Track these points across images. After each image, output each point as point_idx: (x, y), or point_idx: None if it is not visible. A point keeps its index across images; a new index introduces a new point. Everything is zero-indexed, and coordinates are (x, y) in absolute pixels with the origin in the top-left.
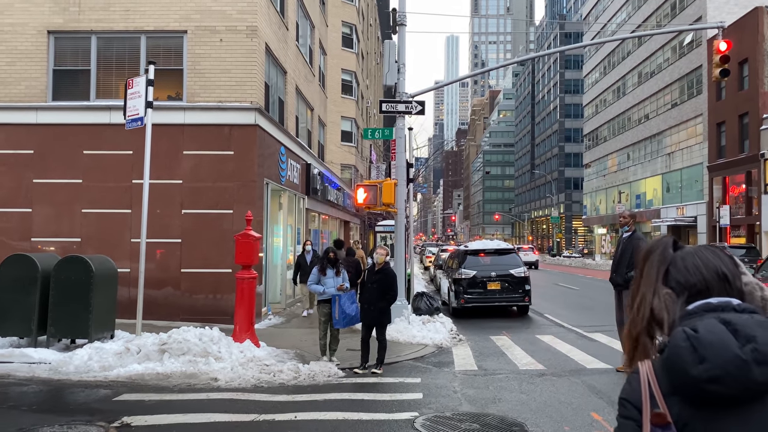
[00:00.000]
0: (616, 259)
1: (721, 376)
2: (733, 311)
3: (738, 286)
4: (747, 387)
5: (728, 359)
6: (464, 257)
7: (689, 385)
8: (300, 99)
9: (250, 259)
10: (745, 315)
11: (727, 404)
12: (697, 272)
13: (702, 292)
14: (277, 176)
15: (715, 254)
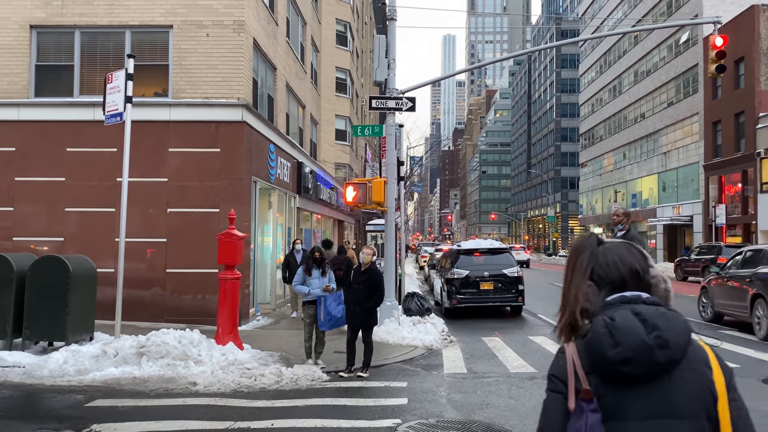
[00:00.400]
0: None
1: (631, 357)
2: (642, 303)
3: (647, 280)
4: (651, 367)
5: (637, 344)
6: (457, 257)
7: (606, 364)
8: (291, 96)
9: (233, 259)
10: (652, 307)
11: (635, 381)
12: (616, 269)
13: (619, 286)
14: (266, 174)
15: (630, 251)
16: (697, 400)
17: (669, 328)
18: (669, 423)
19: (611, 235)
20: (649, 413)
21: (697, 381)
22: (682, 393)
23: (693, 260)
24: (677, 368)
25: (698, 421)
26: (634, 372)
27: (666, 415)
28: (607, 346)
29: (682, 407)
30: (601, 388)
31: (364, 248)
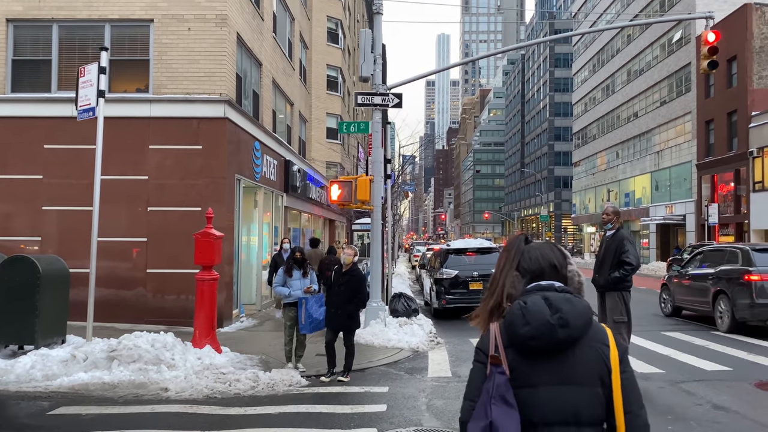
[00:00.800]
0: (599, 259)
1: (537, 334)
2: (554, 291)
3: (563, 273)
4: (554, 342)
5: (542, 323)
6: (446, 256)
7: (519, 340)
8: (278, 93)
9: (210, 260)
10: (561, 294)
11: (541, 354)
12: (536, 262)
13: (538, 276)
14: (250, 172)
15: (551, 249)
16: (593, 371)
17: (571, 312)
18: (569, 389)
19: (602, 234)
20: (554, 380)
21: (594, 356)
22: (582, 365)
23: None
24: (579, 345)
25: (593, 388)
26: (540, 346)
27: (567, 382)
28: (519, 324)
29: (581, 376)
30: (517, 360)
31: (345, 248)
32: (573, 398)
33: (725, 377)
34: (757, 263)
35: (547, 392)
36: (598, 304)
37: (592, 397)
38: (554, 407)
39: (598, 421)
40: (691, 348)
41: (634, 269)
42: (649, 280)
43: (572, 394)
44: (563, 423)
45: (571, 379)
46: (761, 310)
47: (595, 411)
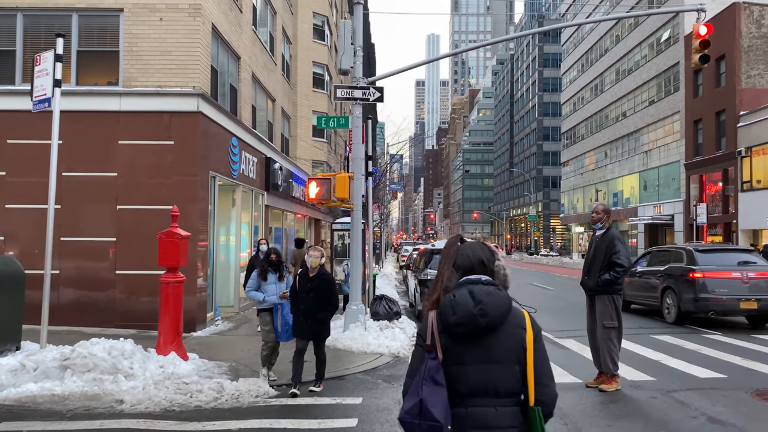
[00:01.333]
0: (588, 260)
1: (463, 323)
2: (480, 284)
3: (491, 267)
4: (476, 329)
5: (466, 313)
6: (431, 256)
7: (449, 327)
8: (258, 88)
9: (175, 261)
10: (485, 287)
11: (467, 338)
12: (467, 259)
13: (470, 271)
14: (227, 170)
15: (481, 247)
16: (511, 351)
17: (491, 303)
18: (491, 366)
19: (591, 234)
20: (479, 360)
21: (512, 339)
22: (501, 347)
23: None
24: (499, 330)
25: (511, 366)
26: (465, 332)
27: (489, 361)
28: (449, 314)
29: (500, 356)
30: (449, 343)
31: (310, 250)
32: (493, 374)
33: (720, 385)
34: (700, 262)
35: (473, 369)
36: (587, 308)
37: (510, 373)
38: (478, 382)
39: (514, 393)
40: (681, 352)
41: (626, 271)
42: None
43: (493, 371)
44: (485, 394)
45: (492, 359)
46: (703, 304)
47: (512, 384)
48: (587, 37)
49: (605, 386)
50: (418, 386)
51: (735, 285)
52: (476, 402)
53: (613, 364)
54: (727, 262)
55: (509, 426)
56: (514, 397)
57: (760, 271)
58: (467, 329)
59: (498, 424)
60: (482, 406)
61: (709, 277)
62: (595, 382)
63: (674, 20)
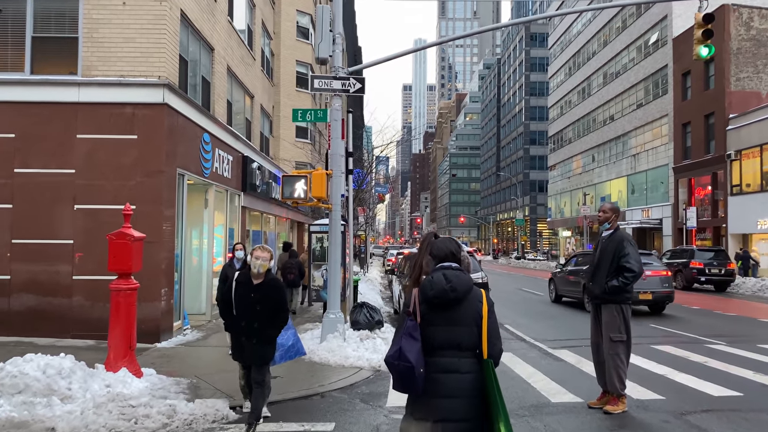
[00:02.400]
0: (594, 264)
1: (438, 295)
2: (451, 269)
3: (458, 257)
4: (447, 301)
5: (440, 289)
6: None
7: (428, 299)
8: (234, 83)
9: (127, 265)
10: (455, 271)
11: (440, 307)
12: (441, 250)
13: (443, 259)
14: (198, 168)
15: (451, 241)
16: (471, 317)
17: (458, 282)
18: (456, 328)
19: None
20: (448, 323)
21: (472, 308)
22: (464, 313)
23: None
24: (463, 302)
25: (471, 328)
26: (439, 303)
27: (455, 324)
28: (428, 289)
29: (463, 320)
30: (426, 310)
31: (256, 250)
32: (458, 333)
33: (738, 405)
34: None
35: (443, 330)
36: (592, 318)
37: (470, 333)
38: (447, 339)
39: (473, 348)
40: (687, 366)
41: (636, 276)
42: None
43: (458, 331)
44: (450, 347)
45: (458, 322)
46: None
47: (472, 341)
48: (575, 40)
49: (611, 407)
50: (400, 338)
51: None
52: (444, 353)
53: (620, 382)
54: None
55: (468, 371)
56: (472, 351)
57: (655, 270)
58: (441, 301)
59: (459, 369)
60: (449, 357)
61: None
62: (599, 402)
63: (662, 23)
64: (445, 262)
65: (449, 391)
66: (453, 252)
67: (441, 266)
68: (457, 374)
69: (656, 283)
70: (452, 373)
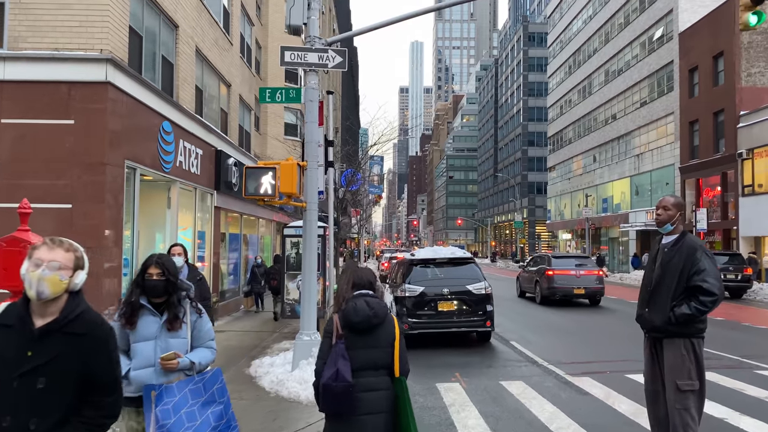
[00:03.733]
0: (651, 283)
1: (362, 321)
2: (370, 297)
3: (374, 286)
4: (369, 326)
5: (365, 315)
6: (409, 269)
7: (351, 324)
8: (206, 67)
9: (21, 281)
10: (373, 299)
11: (362, 332)
12: (361, 279)
13: (362, 287)
14: (155, 161)
15: (369, 272)
16: (387, 340)
17: (378, 309)
18: (374, 350)
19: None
20: (367, 345)
21: (388, 332)
22: (381, 336)
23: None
24: (380, 326)
25: (386, 349)
26: (362, 328)
27: (373, 347)
28: (352, 315)
29: (380, 342)
30: (349, 335)
31: (37, 248)
32: (375, 355)
33: None
34: (553, 265)
35: (363, 352)
36: (647, 357)
37: (385, 354)
38: (366, 360)
39: (387, 367)
40: (749, 404)
41: (717, 301)
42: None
43: (375, 353)
44: (370, 368)
45: (375, 345)
46: (553, 290)
47: (386, 361)
48: (575, 38)
49: None
50: (335, 361)
51: (571, 279)
52: (364, 374)
53: None
54: (569, 264)
55: (384, 388)
56: (386, 369)
57: (587, 270)
58: (364, 326)
59: (378, 387)
60: (368, 376)
61: (557, 273)
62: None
63: (667, 17)
64: (363, 289)
65: (369, 409)
66: (371, 281)
67: (360, 293)
68: (375, 392)
69: (591, 281)
70: (372, 391)
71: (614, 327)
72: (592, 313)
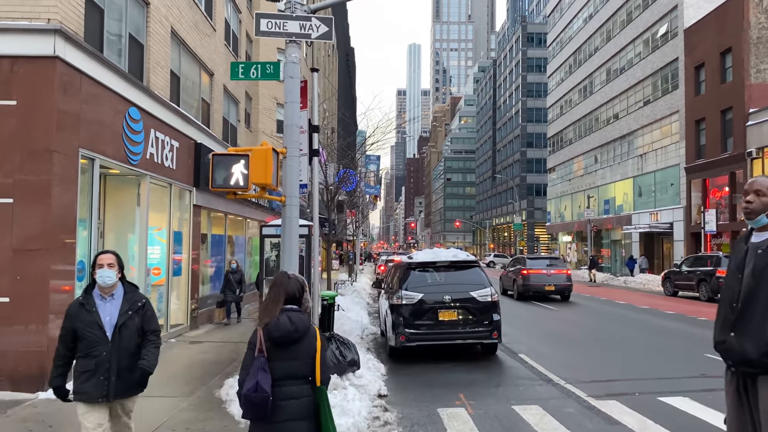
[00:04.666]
0: (742, 297)
1: (283, 336)
2: (294, 312)
3: (299, 298)
4: (290, 340)
5: (287, 330)
6: (407, 273)
7: (273, 338)
8: (184, 52)
9: None
10: (296, 313)
11: (283, 345)
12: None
13: (290, 301)
14: (119, 151)
15: (296, 284)
16: (307, 352)
17: (299, 324)
18: (294, 362)
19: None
20: (287, 358)
21: (309, 344)
22: (302, 349)
23: (685, 273)
24: (302, 339)
25: (306, 360)
26: (283, 342)
27: (293, 359)
28: (274, 330)
29: (301, 354)
30: (271, 348)
31: None
32: (296, 366)
33: None
34: (528, 264)
35: (284, 364)
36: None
37: (305, 365)
38: (287, 371)
39: (307, 377)
40: None
41: None
42: (638, 295)
43: (296, 364)
44: (290, 378)
45: (296, 357)
46: (527, 287)
47: (306, 371)
48: (575, 36)
49: None
50: (255, 373)
51: (543, 277)
52: (284, 383)
53: None
54: (542, 264)
55: (305, 396)
56: (306, 379)
57: (557, 269)
58: (285, 340)
59: (297, 395)
60: (288, 386)
61: (531, 273)
62: None
63: (672, 13)
64: (291, 303)
65: (290, 415)
66: (295, 294)
67: (285, 308)
68: (296, 400)
69: (560, 279)
70: (291, 400)
71: (632, 337)
72: (605, 320)
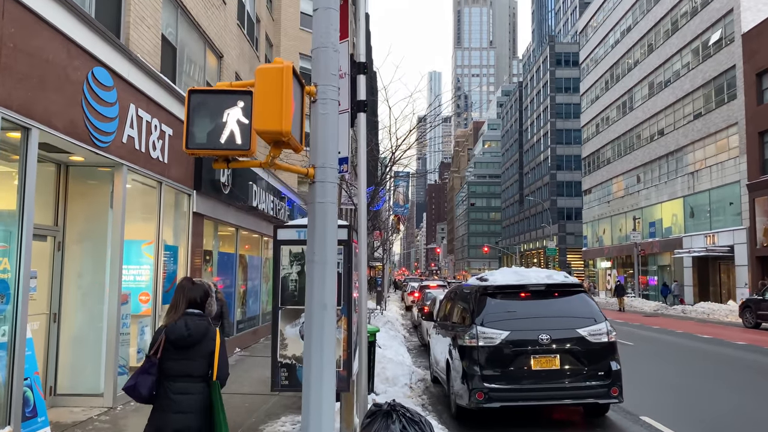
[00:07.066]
0: None
1: (178, 339)
2: (193, 316)
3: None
4: (186, 343)
5: (180, 335)
6: (482, 300)
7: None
8: (183, 19)
9: None
10: (195, 317)
11: (180, 347)
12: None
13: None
14: (77, 126)
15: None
16: (204, 352)
17: (195, 329)
18: (191, 362)
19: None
20: (183, 358)
21: (207, 346)
22: (199, 351)
23: None
24: (200, 342)
25: (202, 360)
26: (180, 345)
27: (190, 359)
28: (171, 334)
29: (197, 355)
30: (169, 349)
31: None
32: (192, 366)
33: None
34: None
35: (180, 363)
36: None
37: (201, 365)
38: (182, 370)
39: (203, 375)
40: None
41: None
42: (711, 327)
43: (191, 364)
44: (185, 376)
45: (192, 358)
46: None
47: (202, 371)
48: (611, 51)
49: None
50: (137, 375)
51: None
52: (179, 380)
53: None
54: None
55: (198, 393)
56: (202, 377)
57: None
58: (181, 343)
59: (191, 391)
60: (182, 382)
61: None
62: None
63: (726, 18)
64: (197, 308)
65: (182, 408)
66: (196, 300)
67: (186, 313)
68: (189, 395)
69: None
70: (185, 395)
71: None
72: (708, 361)
